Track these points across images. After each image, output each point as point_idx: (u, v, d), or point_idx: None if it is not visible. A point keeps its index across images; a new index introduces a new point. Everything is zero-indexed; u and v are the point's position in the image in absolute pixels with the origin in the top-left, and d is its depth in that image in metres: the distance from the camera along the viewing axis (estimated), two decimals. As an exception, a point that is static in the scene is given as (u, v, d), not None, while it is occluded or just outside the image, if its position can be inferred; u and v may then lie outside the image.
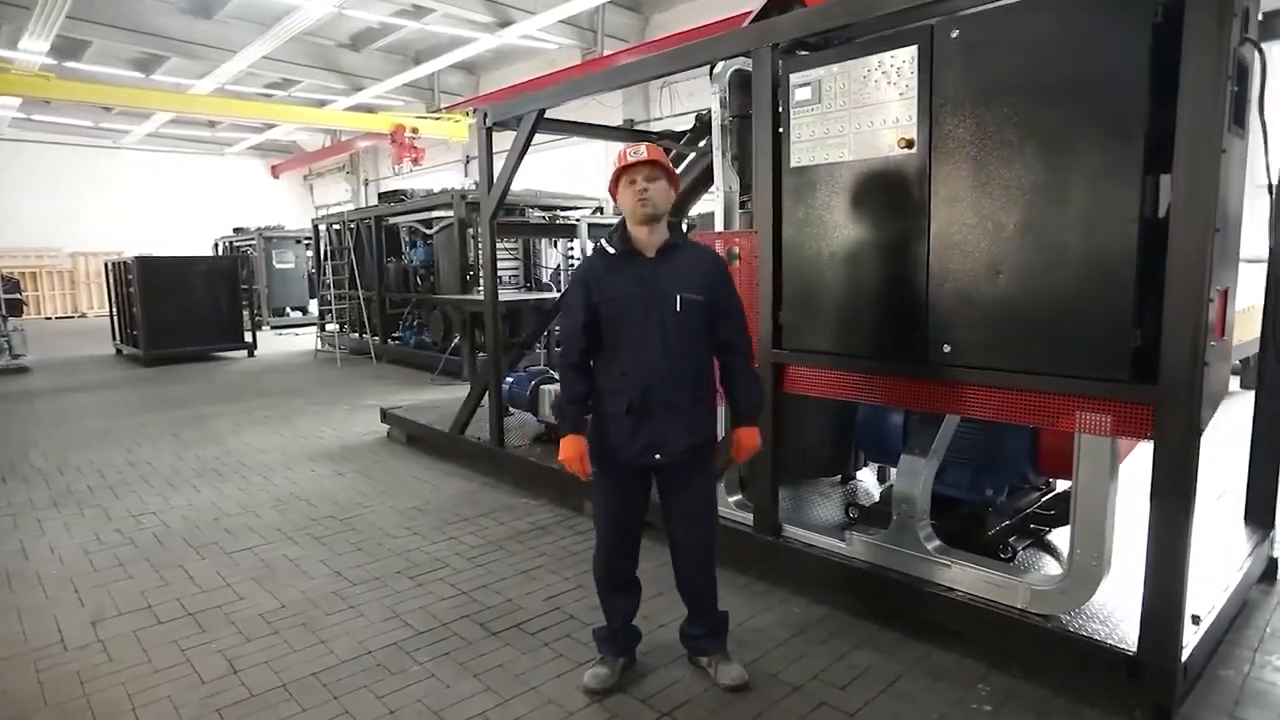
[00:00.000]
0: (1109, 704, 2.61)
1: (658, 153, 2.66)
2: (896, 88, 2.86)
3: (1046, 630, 2.71)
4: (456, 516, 4.70)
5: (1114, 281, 2.40)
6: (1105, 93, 2.36)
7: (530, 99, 4.70)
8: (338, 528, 4.55)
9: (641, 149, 2.65)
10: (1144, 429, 2.44)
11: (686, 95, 14.44)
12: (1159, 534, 2.43)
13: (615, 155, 2.72)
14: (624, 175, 2.66)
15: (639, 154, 2.63)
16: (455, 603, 3.53)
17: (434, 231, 10.11)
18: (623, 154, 2.68)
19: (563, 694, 2.78)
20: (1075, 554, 2.68)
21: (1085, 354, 2.50)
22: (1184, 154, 2.25)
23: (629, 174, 2.64)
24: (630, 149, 2.66)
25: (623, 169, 2.65)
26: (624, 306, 2.64)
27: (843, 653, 3.01)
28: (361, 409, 8.16)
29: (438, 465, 5.84)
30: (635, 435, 2.65)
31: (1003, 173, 2.61)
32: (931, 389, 2.91)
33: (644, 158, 2.62)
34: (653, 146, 2.69)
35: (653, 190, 2.61)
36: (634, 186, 2.63)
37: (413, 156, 17.86)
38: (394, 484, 5.41)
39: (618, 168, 2.67)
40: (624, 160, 2.65)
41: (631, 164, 2.63)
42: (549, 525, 4.53)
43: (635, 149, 2.65)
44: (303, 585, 3.75)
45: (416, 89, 18.92)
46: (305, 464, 6.00)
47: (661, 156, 2.65)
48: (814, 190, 3.18)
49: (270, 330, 16.62)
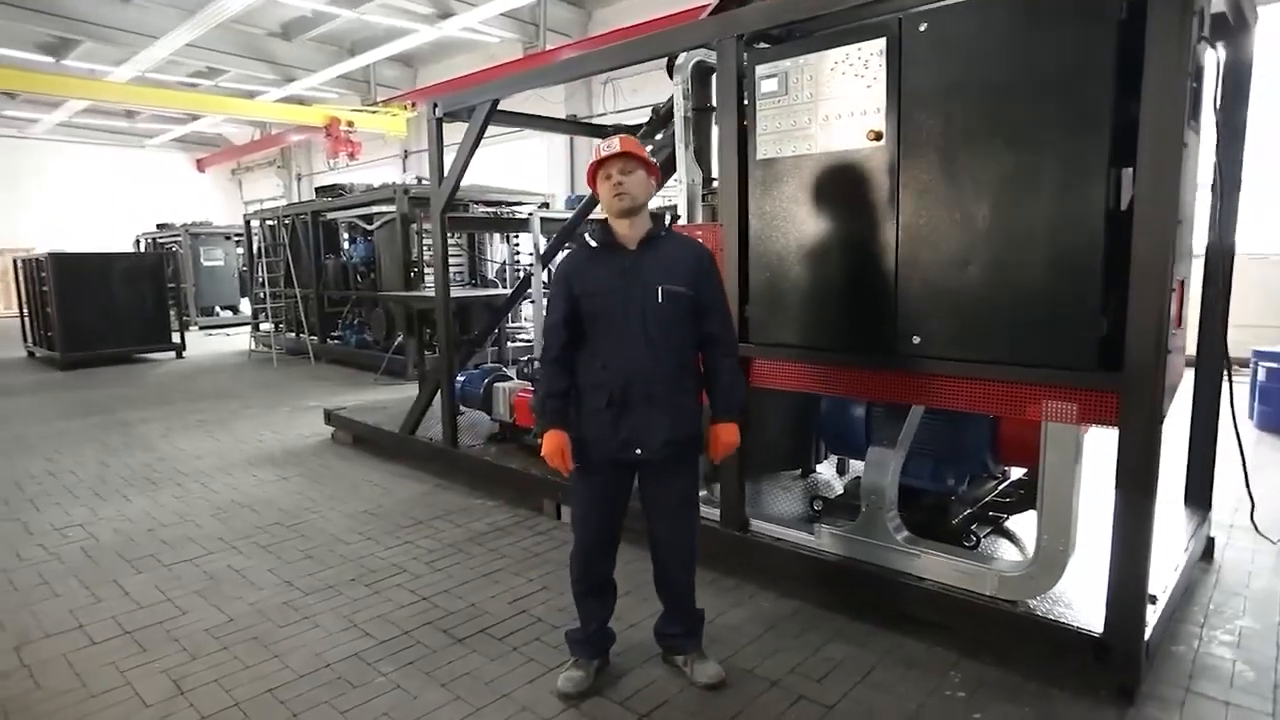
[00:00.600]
0: (1077, 686, 2.67)
1: (632, 144, 2.59)
2: (864, 80, 2.87)
3: (1015, 615, 2.76)
4: (411, 520, 4.55)
5: (1082, 272, 2.45)
6: (1072, 87, 2.41)
7: (483, 89, 4.56)
8: (285, 535, 4.34)
9: (615, 142, 2.58)
10: (1110, 416, 2.50)
11: (630, 92, 14.40)
12: (1123, 519, 2.49)
13: (592, 149, 2.64)
14: (599, 170, 2.59)
15: (612, 147, 2.57)
16: (416, 609, 3.40)
17: (375, 227, 9.80)
18: (597, 148, 2.61)
19: (537, 700, 2.69)
20: (1042, 540, 2.73)
21: (1053, 344, 2.55)
22: (1148, 148, 2.30)
23: (603, 168, 2.58)
24: (604, 143, 2.60)
25: (597, 163, 2.58)
26: (605, 299, 2.57)
27: (816, 646, 3.01)
28: (302, 411, 7.85)
29: (387, 467, 5.65)
30: (615, 429, 2.58)
31: (972, 165, 2.64)
32: (901, 380, 2.93)
33: (617, 150, 2.55)
34: (627, 138, 2.62)
35: (628, 183, 2.55)
36: (609, 180, 2.56)
37: (349, 151, 17.31)
38: (342, 487, 5.21)
39: (592, 162, 2.60)
40: (598, 155, 2.59)
41: (605, 158, 2.56)
42: (508, 526, 4.42)
43: (609, 142, 2.59)
44: (251, 597, 3.56)
45: (351, 81, 18.36)
46: (246, 469, 5.72)
47: (636, 147, 2.59)
48: (781, 182, 3.16)
49: (199, 331, 15.88)
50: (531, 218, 5.47)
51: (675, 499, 2.72)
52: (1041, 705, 2.60)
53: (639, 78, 13.81)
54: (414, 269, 8.89)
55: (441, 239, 4.94)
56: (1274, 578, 3.56)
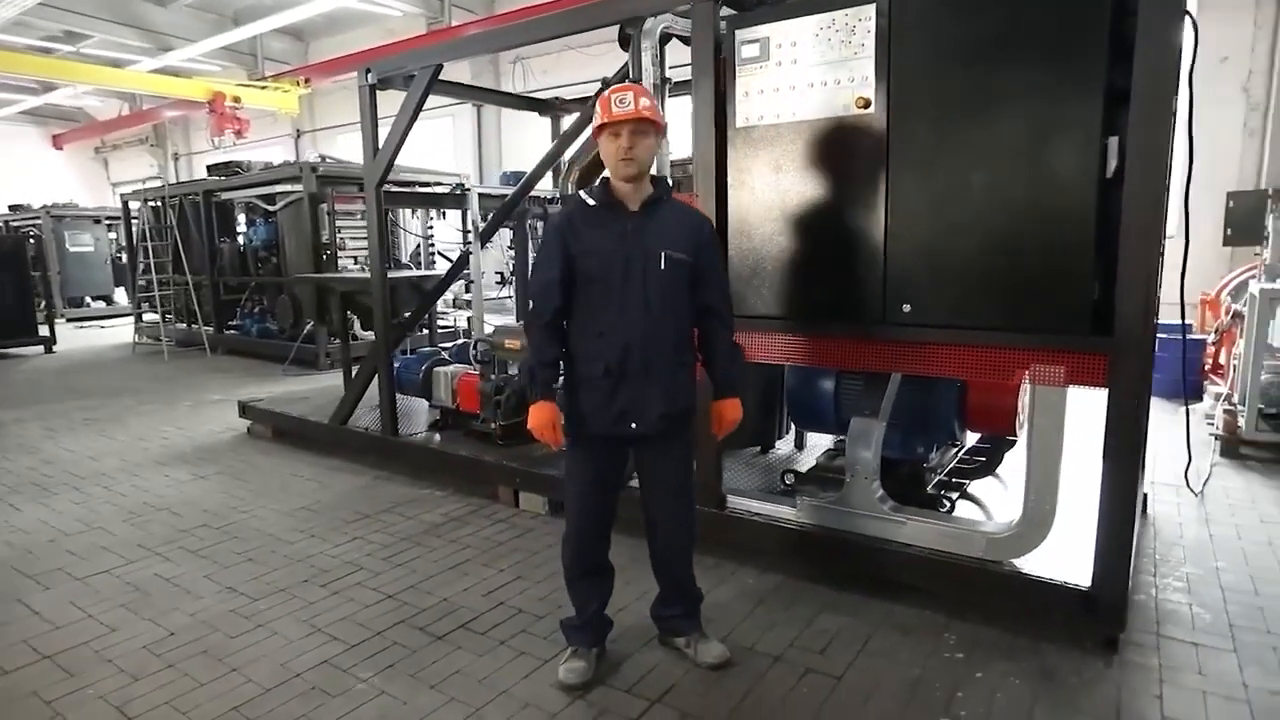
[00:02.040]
0: (1064, 639, 2.77)
1: (648, 104, 2.41)
2: (852, 46, 2.83)
3: (1005, 575, 2.83)
4: (355, 514, 4.24)
5: (1074, 238, 2.51)
6: (1066, 55, 2.45)
7: (424, 54, 4.27)
8: (216, 538, 3.96)
9: (628, 98, 2.39)
10: (1098, 378, 2.58)
11: (541, 72, 14.06)
12: (1112, 476, 2.59)
13: (599, 100, 2.46)
14: (607, 127, 2.42)
15: (626, 105, 2.38)
16: (383, 608, 3.16)
17: (279, 208, 9.13)
18: (606, 101, 2.41)
19: (538, 694, 2.54)
20: (1029, 500, 2.81)
21: (1046, 309, 2.60)
22: (1140, 116, 2.37)
23: (613, 126, 2.40)
24: (616, 96, 2.40)
25: (607, 122, 2.41)
26: (604, 261, 2.42)
27: (809, 618, 2.99)
28: (207, 405, 7.24)
29: (318, 461, 5.26)
30: (611, 401, 2.45)
31: (964, 133, 2.65)
32: (892, 349, 2.94)
33: (630, 113, 2.37)
34: (641, 91, 2.44)
35: (639, 149, 2.39)
36: (618, 141, 2.39)
37: (235, 128, 16.06)
38: (271, 484, 4.81)
39: (602, 120, 2.42)
40: (609, 113, 2.40)
41: (617, 118, 2.39)
42: (464, 516, 4.20)
43: (622, 97, 2.39)
44: (190, 607, 3.21)
45: (236, 54, 17.06)
46: (154, 469, 5.19)
47: (653, 111, 2.42)
48: (764, 151, 3.09)
49: (67, 324, 14.39)
50: (469, 194, 5.19)
51: (672, 477, 2.62)
52: (1035, 660, 2.68)
53: (550, 58, 13.51)
54: (326, 251, 8.34)
55: (378, 216, 4.61)
56: (1202, 527, 3.83)
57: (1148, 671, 2.62)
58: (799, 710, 2.44)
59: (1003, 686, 2.53)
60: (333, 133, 18.42)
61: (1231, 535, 3.73)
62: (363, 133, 4.61)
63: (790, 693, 2.53)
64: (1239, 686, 2.53)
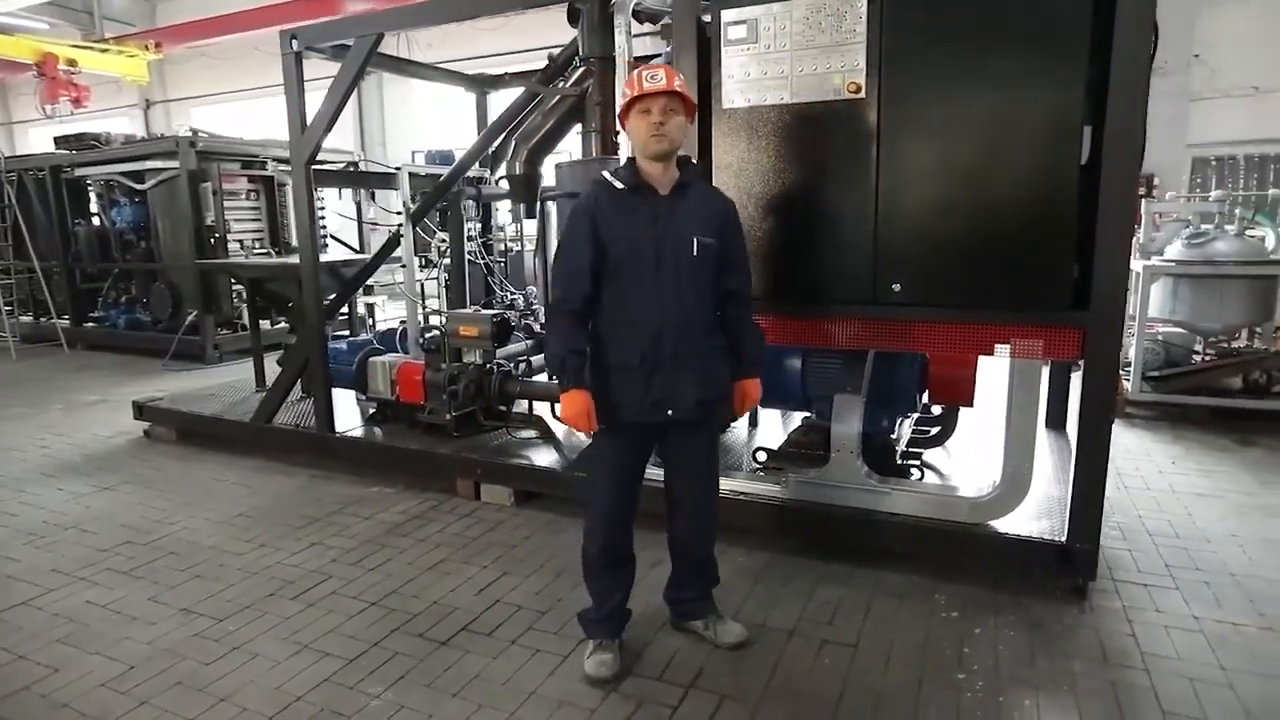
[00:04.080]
0: (1038, 591, 3.00)
1: (681, 81, 2.37)
2: (843, 32, 2.89)
3: (988, 536, 3.04)
4: (303, 518, 3.95)
5: (1059, 220, 2.69)
6: (1052, 43, 2.60)
7: (364, 22, 3.96)
8: (147, 555, 3.56)
9: (659, 74, 2.33)
10: (1074, 350, 2.79)
11: (425, 45, 13.42)
12: (1086, 439, 2.82)
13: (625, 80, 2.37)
14: (637, 104, 2.34)
15: (657, 80, 2.32)
16: (370, 617, 2.97)
17: (149, 186, 8.23)
18: (635, 79, 2.34)
19: (569, 691, 2.48)
20: (1009, 464, 3.01)
21: (1029, 287, 2.78)
22: (1118, 105, 2.56)
23: (642, 103, 2.33)
24: (647, 72, 2.34)
25: (637, 97, 2.33)
26: (636, 247, 2.36)
27: (808, 592, 3.09)
28: (83, 407, 6.48)
29: (238, 463, 4.84)
30: (646, 389, 2.41)
31: (954, 120, 2.77)
32: (883, 327, 3.05)
33: (662, 86, 2.31)
34: (671, 70, 2.38)
35: (670, 125, 2.34)
36: (648, 118, 2.33)
37: (72, 96, 14.30)
38: (193, 491, 4.38)
39: (632, 95, 2.34)
40: (638, 87, 2.32)
41: (649, 92, 2.31)
42: (424, 513, 4.00)
43: (653, 73, 2.33)
44: (144, 635, 2.88)
45: (68, 10, 15.16)
46: (43, 483, 4.60)
47: (683, 85, 2.37)
48: (753, 133, 3.10)
49: None
50: (400, 173, 4.88)
51: (702, 461, 2.62)
52: (1020, 612, 2.89)
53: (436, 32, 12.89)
54: (213, 235, 7.61)
55: (308, 196, 4.25)
56: (1116, 480, 4.23)
57: (1115, 613, 2.89)
58: (827, 680, 2.51)
59: (1001, 639, 2.72)
60: (187, 104, 16.82)
61: (1141, 486, 4.17)
62: (288, 105, 4.22)
63: (814, 665, 2.60)
64: (1190, 619, 2.85)
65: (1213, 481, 4.22)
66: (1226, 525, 3.65)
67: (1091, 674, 2.52)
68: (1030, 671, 2.53)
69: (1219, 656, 2.61)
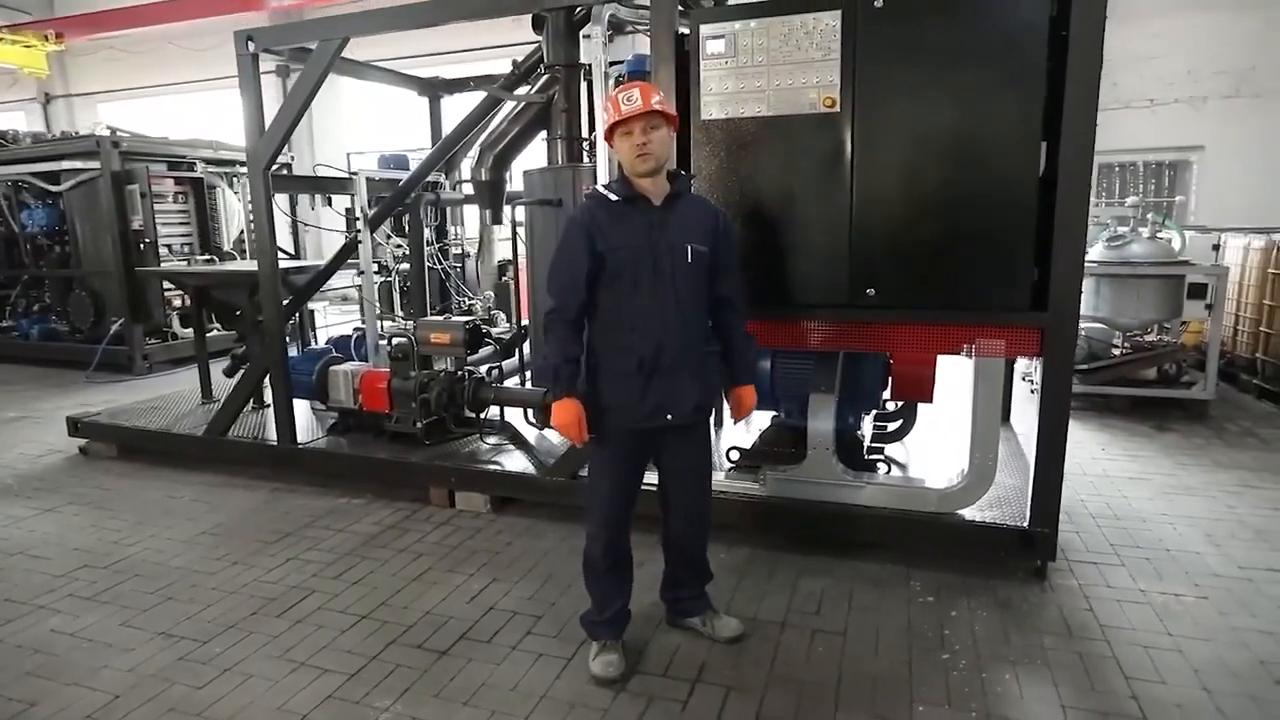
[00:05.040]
0: (1003, 573, 3.23)
1: (658, 99, 2.44)
2: (819, 49, 3.03)
3: (956, 525, 3.24)
4: (273, 533, 3.85)
5: (1021, 228, 2.90)
6: (1015, 63, 2.80)
7: (329, 25, 3.88)
8: (110, 579, 3.41)
9: (635, 95, 2.40)
10: (1034, 348, 3.01)
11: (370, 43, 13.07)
12: (1045, 429, 3.05)
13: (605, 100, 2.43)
14: (619, 126, 2.41)
15: (633, 102, 2.39)
16: (364, 631, 2.94)
17: (65, 188, 7.75)
18: (614, 102, 2.42)
19: (579, 693, 2.53)
20: (975, 456, 3.22)
21: (993, 289, 2.99)
22: (1072, 117, 2.79)
23: (624, 125, 2.41)
24: (623, 95, 2.41)
25: (618, 121, 2.40)
26: (633, 257, 2.43)
27: (792, 584, 3.22)
28: (3, 425, 6.08)
29: (190, 479, 4.65)
30: (644, 395, 2.48)
31: (924, 134, 2.95)
32: (858, 330, 3.21)
33: (639, 108, 2.38)
34: (647, 88, 2.45)
35: (653, 142, 2.42)
36: (631, 139, 2.41)
37: (-40, 87, 13.32)
38: (147, 510, 4.20)
39: (612, 120, 2.41)
40: (618, 112, 2.40)
41: (625, 116, 2.39)
42: (399, 523, 3.96)
43: (629, 95, 2.41)
44: (123, 663, 2.77)
45: (-48, -5, 14.08)
46: (-24, 507, 4.32)
47: (662, 103, 2.44)
48: (731, 144, 3.21)
49: None
50: (357, 177, 4.78)
51: (699, 462, 2.71)
52: (989, 594, 3.10)
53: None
54: (142, 240, 7.24)
55: (266, 201, 4.13)
56: (1055, 468, 4.57)
57: (1073, 590, 3.14)
58: (824, 667, 2.65)
59: (976, 620, 2.92)
60: (92, 100, 15.85)
61: (1079, 472, 4.49)
62: (245, 109, 4.09)
63: (810, 654, 2.73)
64: (1137, 592, 3.12)
65: (1139, 465, 4.60)
66: (1156, 505, 3.99)
67: (1060, 647, 2.73)
68: (1006, 648, 2.73)
69: (1166, 625, 2.87)
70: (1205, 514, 3.86)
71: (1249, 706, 2.41)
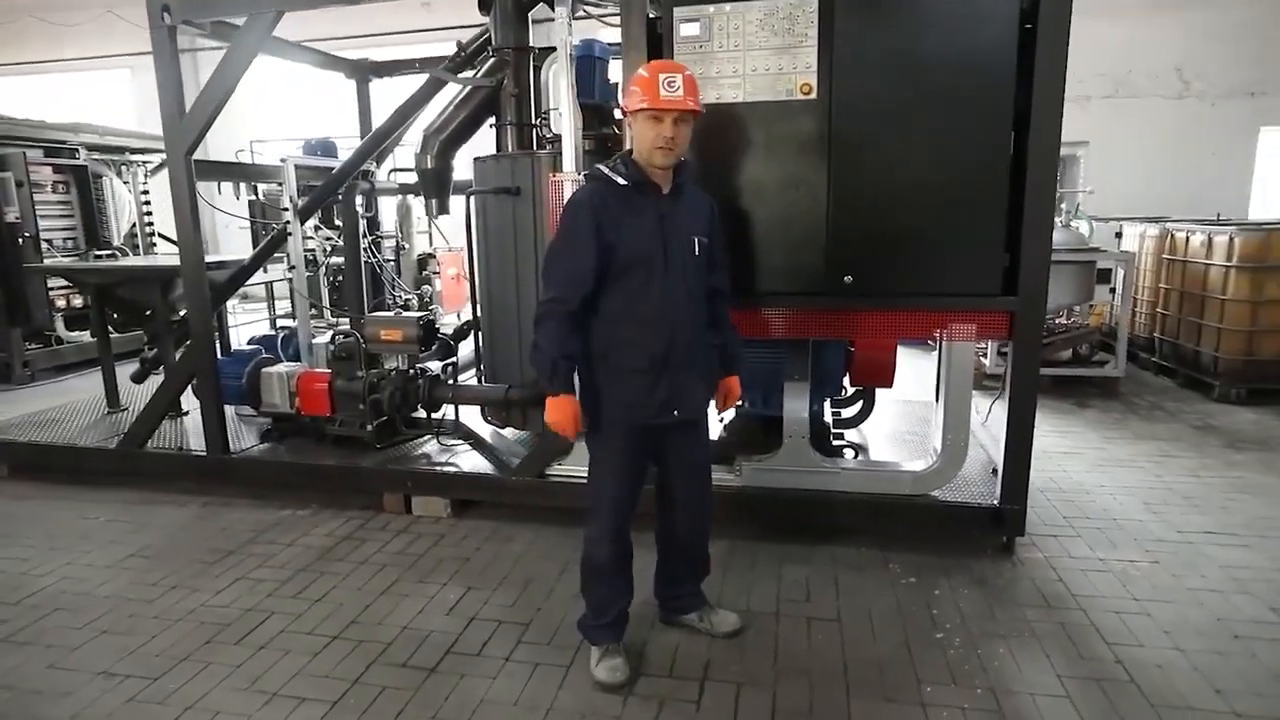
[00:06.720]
0: (974, 550, 3.33)
1: (698, 95, 2.36)
2: (795, 35, 3.00)
3: (933, 505, 3.32)
4: (214, 551, 3.53)
5: (992, 215, 2.98)
6: (986, 55, 2.87)
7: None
8: (28, 616, 3.03)
9: (679, 83, 2.28)
10: (1003, 332, 3.11)
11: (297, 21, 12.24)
12: (1014, 411, 3.16)
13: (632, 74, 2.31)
14: (649, 112, 2.29)
15: (676, 90, 2.27)
16: (338, 652, 2.72)
17: (-81, 176, 6.86)
18: (653, 83, 2.28)
19: (586, 701, 2.42)
20: (947, 438, 3.31)
21: (966, 275, 3.06)
22: (1040, 111, 2.88)
23: (655, 111, 2.28)
24: (665, 78, 2.28)
25: (651, 108, 2.28)
26: (646, 248, 2.33)
27: (777, 574, 3.21)
28: None
29: (105, 497, 4.21)
30: (653, 391, 2.39)
31: (901, 122, 2.97)
32: (834, 318, 3.22)
33: (680, 100, 2.27)
34: (692, 80, 2.33)
35: (679, 138, 2.32)
36: (658, 127, 2.29)
37: None
38: (56, 535, 3.76)
39: (646, 104, 2.28)
40: (655, 98, 2.27)
41: (664, 107, 2.27)
42: (353, 533, 3.71)
43: (671, 79, 2.28)
44: (63, 710, 2.45)
45: None
46: None
47: (698, 102, 2.36)
48: (704, 131, 3.13)
49: None
50: (285, 164, 4.41)
51: (701, 456, 2.64)
52: (966, 572, 3.19)
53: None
54: (21, 234, 6.49)
55: (190, 190, 3.76)
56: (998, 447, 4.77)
57: (1041, 563, 3.27)
58: (827, 655, 2.64)
59: (960, 598, 2.99)
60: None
61: (1017, 449, 4.71)
62: (160, 88, 3.69)
63: (810, 642, 2.72)
64: (1098, 561, 3.28)
65: (1070, 440, 4.87)
66: (1094, 478, 4.23)
67: (1042, 619, 2.84)
68: (994, 624, 2.81)
69: (1130, 590, 3.03)
70: (1138, 483, 4.13)
71: (1218, 661, 2.57)
